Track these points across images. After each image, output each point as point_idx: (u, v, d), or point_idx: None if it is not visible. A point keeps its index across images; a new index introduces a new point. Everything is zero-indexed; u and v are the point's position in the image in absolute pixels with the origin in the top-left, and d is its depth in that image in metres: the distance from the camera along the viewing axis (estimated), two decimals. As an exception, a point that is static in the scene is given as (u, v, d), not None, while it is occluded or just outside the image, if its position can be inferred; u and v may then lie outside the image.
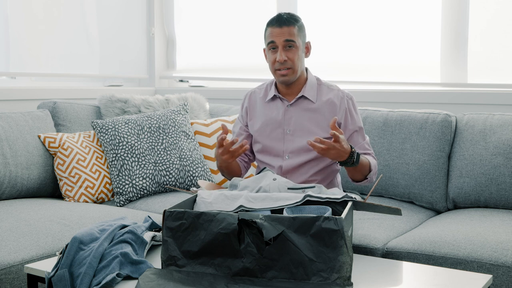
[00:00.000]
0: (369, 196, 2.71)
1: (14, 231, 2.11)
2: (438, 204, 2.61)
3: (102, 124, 2.85)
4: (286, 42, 2.14)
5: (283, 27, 2.15)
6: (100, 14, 3.72)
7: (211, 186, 2.16)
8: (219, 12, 3.86)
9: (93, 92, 3.51)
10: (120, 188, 2.75)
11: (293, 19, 2.17)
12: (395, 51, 3.23)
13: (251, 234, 1.57)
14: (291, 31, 2.15)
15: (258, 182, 2.00)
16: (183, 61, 4.09)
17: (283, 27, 2.15)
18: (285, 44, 2.15)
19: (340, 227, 1.53)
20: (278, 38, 2.15)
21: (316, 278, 1.54)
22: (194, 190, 2.11)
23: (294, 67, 2.17)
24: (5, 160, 2.62)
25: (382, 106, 2.95)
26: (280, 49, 2.15)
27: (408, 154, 2.64)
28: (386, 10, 3.25)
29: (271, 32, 2.17)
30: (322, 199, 1.82)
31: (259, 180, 2.01)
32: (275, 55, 2.17)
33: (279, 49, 2.15)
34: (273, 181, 1.99)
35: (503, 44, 2.94)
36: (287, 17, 2.17)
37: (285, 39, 2.14)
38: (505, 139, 2.49)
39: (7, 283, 1.90)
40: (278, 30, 2.15)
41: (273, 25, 2.17)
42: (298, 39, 2.17)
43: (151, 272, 1.60)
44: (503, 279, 1.90)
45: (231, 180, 2.06)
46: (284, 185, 1.97)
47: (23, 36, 3.31)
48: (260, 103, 2.32)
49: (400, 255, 2.06)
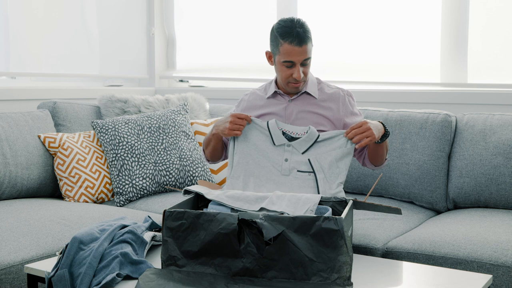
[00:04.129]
0: (369, 196, 2.71)
1: (14, 231, 2.11)
2: (438, 204, 2.61)
3: (102, 124, 2.85)
4: (304, 61, 2.11)
5: (302, 46, 2.07)
6: (100, 14, 3.72)
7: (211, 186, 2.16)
8: (219, 12, 3.86)
9: (93, 92, 3.51)
10: (120, 188, 2.75)
11: (309, 34, 2.10)
12: (395, 51, 3.23)
13: (251, 234, 1.57)
14: (309, 48, 2.10)
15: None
16: (183, 61, 4.09)
17: (302, 46, 2.07)
18: (304, 62, 2.11)
19: (340, 227, 1.53)
20: (298, 58, 2.09)
21: (316, 278, 1.54)
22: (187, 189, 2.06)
23: (307, 79, 2.18)
24: (5, 160, 2.62)
25: (382, 106, 2.95)
26: (297, 67, 2.10)
27: (408, 154, 2.64)
28: (386, 10, 3.25)
29: (290, 51, 2.08)
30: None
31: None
32: (291, 70, 2.12)
33: (297, 67, 2.10)
34: (285, 161, 2.04)
35: (503, 44, 2.94)
36: (303, 32, 2.08)
37: (305, 59, 2.10)
38: (505, 139, 2.49)
39: (7, 283, 1.90)
40: (299, 50, 2.08)
41: (291, 43, 2.07)
42: (312, 52, 2.14)
43: (151, 272, 1.60)
44: (503, 279, 1.90)
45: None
46: (295, 166, 2.04)
47: (23, 36, 3.31)
48: (260, 100, 2.31)
49: (400, 255, 2.06)
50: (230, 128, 2.10)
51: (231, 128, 2.10)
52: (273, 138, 2.09)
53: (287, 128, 2.11)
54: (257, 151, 2.09)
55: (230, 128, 2.10)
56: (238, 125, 2.10)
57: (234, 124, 2.10)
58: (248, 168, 2.09)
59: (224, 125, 2.12)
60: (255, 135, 2.11)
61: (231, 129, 2.10)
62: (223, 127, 2.12)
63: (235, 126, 2.10)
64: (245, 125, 2.12)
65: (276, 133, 2.09)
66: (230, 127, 2.10)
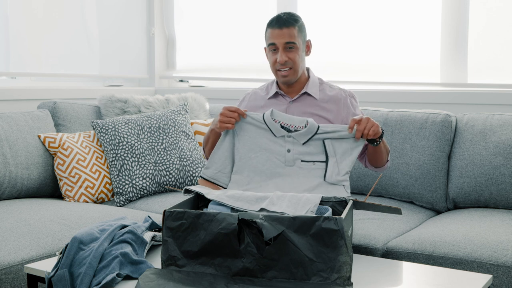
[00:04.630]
0: (369, 196, 2.71)
1: (14, 231, 2.11)
2: (438, 204, 2.61)
3: (102, 124, 2.85)
4: (286, 44, 2.14)
5: (283, 28, 2.14)
6: (100, 14, 3.72)
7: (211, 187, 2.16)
8: (219, 12, 3.86)
9: (93, 92, 3.51)
10: (120, 188, 2.75)
11: (292, 20, 2.16)
12: (395, 51, 3.23)
13: (251, 234, 1.57)
14: (292, 33, 2.14)
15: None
16: (183, 61, 4.09)
17: (283, 29, 2.14)
18: (286, 46, 2.14)
19: (340, 227, 1.53)
20: (279, 40, 2.14)
21: (316, 278, 1.54)
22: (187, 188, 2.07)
23: (295, 66, 2.17)
24: (5, 160, 2.62)
25: (382, 106, 2.95)
26: (280, 50, 2.14)
27: (408, 154, 2.64)
28: (386, 10, 3.25)
29: (271, 34, 2.16)
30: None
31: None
32: (276, 56, 2.16)
33: (280, 50, 2.15)
34: (288, 152, 2.04)
35: (503, 44, 2.94)
36: (286, 17, 2.16)
37: (286, 42, 2.14)
38: (505, 139, 2.49)
39: (7, 283, 1.90)
40: (279, 32, 2.14)
41: (273, 27, 2.16)
42: (299, 39, 2.16)
43: (151, 272, 1.60)
44: (503, 279, 1.90)
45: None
46: (298, 157, 2.03)
47: (23, 36, 3.31)
48: (261, 101, 2.31)
49: (400, 255, 2.06)
50: (221, 121, 2.08)
51: (221, 120, 2.08)
52: (273, 131, 2.08)
53: (285, 121, 2.09)
54: (258, 145, 2.09)
55: (220, 120, 2.08)
56: (228, 118, 2.08)
57: (225, 117, 2.08)
58: (251, 163, 2.08)
59: (217, 119, 2.11)
60: (253, 130, 2.10)
61: (222, 121, 2.08)
62: (217, 120, 2.12)
63: (226, 119, 2.08)
64: (236, 117, 2.08)
65: (274, 126, 2.08)
66: (221, 120, 2.08)
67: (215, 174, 2.10)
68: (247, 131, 2.10)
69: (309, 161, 2.04)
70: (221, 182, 2.10)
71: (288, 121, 2.09)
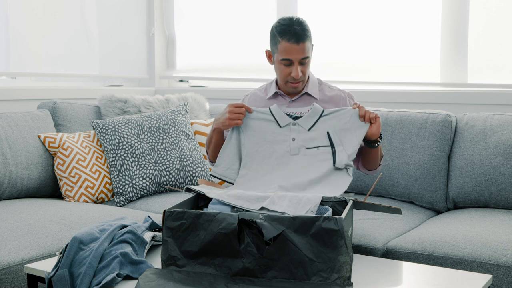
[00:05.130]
0: (369, 196, 2.71)
1: (14, 231, 2.11)
2: (438, 204, 2.61)
3: (102, 124, 2.85)
4: (302, 60, 2.10)
5: (299, 43, 2.07)
6: (100, 14, 3.72)
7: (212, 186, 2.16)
8: (219, 12, 3.86)
9: (93, 92, 3.51)
10: (120, 188, 2.75)
11: (307, 33, 2.10)
12: (395, 51, 3.23)
13: (251, 234, 1.57)
14: (307, 47, 2.09)
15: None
16: (183, 61, 4.09)
17: (299, 44, 2.07)
18: (301, 61, 2.11)
19: (340, 227, 1.53)
20: (295, 56, 2.08)
21: (316, 278, 1.54)
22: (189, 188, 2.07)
23: (305, 78, 2.17)
24: (5, 160, 2.62)
25: (382, 106, 2.95)
26: (296, 65, 2.10)
27: (408, 154, 2.64)
28: (386, 10, 3.25)
29: (287, 48, 2.08)
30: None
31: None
32: (289, 69, 2.12)
33: (295, 65, 2.10)
34: (292, 141, 2.07)
35: (503, 44, 2.94)
36: (301, 30, 2.08)
37: (302, 57, 2.09)
38: (505, 139, 2.49)
39: (7, 283, 1.90)
40: (296, 48, 2.07)
41: (289, 40, 2.07)
42: (310, 51, 2.14)
43: (151, 272, 1.60)
44: (503, 279, 1.90)
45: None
46: (303, 144, 2.06)
47: (23, 36, 3.31)
48: (261, 101, 2.31)
49: (400, 255, 2.06)
50: (230, 118, 2.10)
51: (230, 118, 2.10)
52: (278, 121, 2.11)
53: (290, 110, 2.13)
54: (264, 138, 2.11)
55: (229, 118, 2.10)
56: (237, 114, 2.10)
57: (234, 114, 2.10)
58: (257, 156, 2.11)
59: (224, 117, 2.12)
60: (259, 124, 2.13)
61: (231, 118, 2.10)
62: (223, 118, 2.12)
63: (235, 116, 2.10)
64: (244, 113, 2.12)
65: (280, 115, 2.11)
66: (230, 117, 2.10)
67: (225, 171, 2.13)
68: (251, 126, 2.13)
69: (313, 147, 2.06)
70: (231, 178, 2.13)
71: (294, 110, 2.13)
